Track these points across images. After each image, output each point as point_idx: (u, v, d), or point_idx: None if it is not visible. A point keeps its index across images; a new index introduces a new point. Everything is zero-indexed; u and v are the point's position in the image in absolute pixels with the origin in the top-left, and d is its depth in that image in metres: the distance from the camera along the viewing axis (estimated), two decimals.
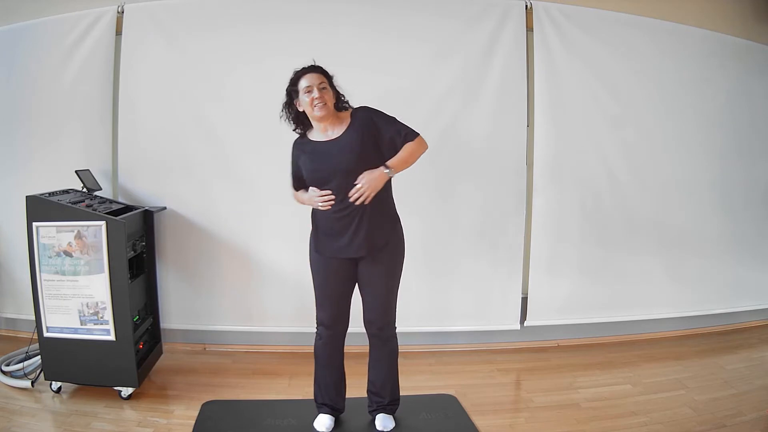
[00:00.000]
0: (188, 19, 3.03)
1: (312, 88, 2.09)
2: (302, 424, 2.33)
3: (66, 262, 2.42)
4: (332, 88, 2.15)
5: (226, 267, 3.13)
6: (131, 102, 3.04)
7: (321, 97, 2.08)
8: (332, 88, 2.16)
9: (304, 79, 2.11)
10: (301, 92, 2.11)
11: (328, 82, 2.15)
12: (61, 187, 2.72)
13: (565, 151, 3.23)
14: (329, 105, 2.10)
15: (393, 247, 2.19)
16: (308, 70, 2.13)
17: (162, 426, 2.33)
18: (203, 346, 3.23)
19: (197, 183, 3.07)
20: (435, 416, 2.46)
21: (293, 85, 2.15)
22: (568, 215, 3.26)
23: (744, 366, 3.04)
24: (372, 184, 2.04)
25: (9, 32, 3.08)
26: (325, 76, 2.15)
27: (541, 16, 3.17)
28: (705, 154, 3.44)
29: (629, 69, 3.27)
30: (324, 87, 2.11)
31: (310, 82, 2.10)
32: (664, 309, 3.46)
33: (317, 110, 2.08)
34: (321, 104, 2.08)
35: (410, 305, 2.76)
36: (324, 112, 2.09)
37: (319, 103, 2.07)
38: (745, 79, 3.48)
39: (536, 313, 3.30)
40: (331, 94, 2.13)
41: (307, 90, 2.09)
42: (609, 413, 2.51)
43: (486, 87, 3.13)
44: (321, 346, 2.29)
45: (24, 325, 3.13)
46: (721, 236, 3.51)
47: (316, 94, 2.07)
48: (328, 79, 2.15)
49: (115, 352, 2.46)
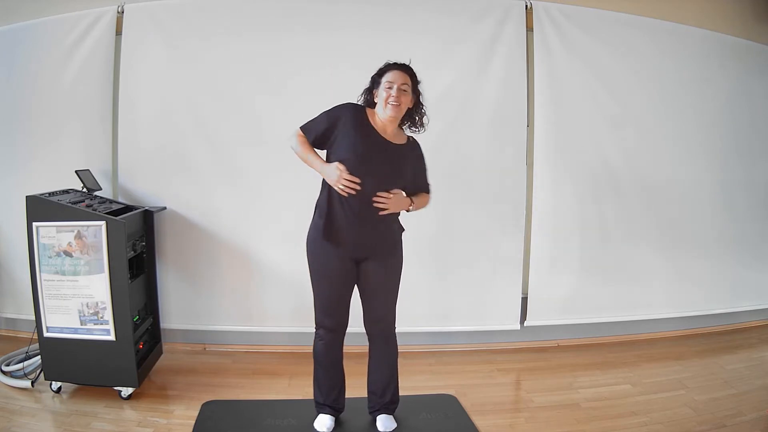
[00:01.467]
0: (188, 19, 3.03)
1: (393, 84, 2.06)
2: (302, 424, 2.33)
3: (66, 262, 2.42)
4: (414, 95, 2.13)
5: (226, 267, 3.13)
6: (131, 102, 3.04)
7: (398, 97, 2.05)
8: (414, 94, 2.13)
9: (390, 74, 2.08)
10: (383, 85, 2.08)
11: (412, 86, 2.11)
12: (61, 187, 2.72)
13: (565, 151, 3.23)
14: (403, 107, 2.08)
15: (395, 249, 2.21)
16: (398, 67, 2.10)
17: (162, 426, 2.33)
18: (203, 346, 3.23)
19: (197, 183, 3.07)
20: (435, 416, 2.46)
21: (379, 75, 2.12)
22: (568, 215, 3.26)
23: (744, 366, 3.04)
24: (397, 205, 2.11)
25: (9, 32, 3.08)
26: (411, 78, 2.11)
27: (541, 16, 3.17)
28: (705, 154, 3.45)
29: (629, 69, 3.27)
30: (405, 89, 2.07)
31: (393, 79, 2.07)
32: (664, 309, 3.46)
33: (389, 109, 2.05)
34: (395, 104, 2.05)
35: (410, 305, 2.75)
36: (394, 114, 2.06)
37: (393, 103, 2.05)
38: (745, 79, 3.49)
39: (536, 313, 3.30)
40: (409, 98, 2.10)
41: (388, 85, 2.07)
42: (609, 413, 2.51)
43: (486, 87, 3.13)
44: (321, 346, 2.28)
45: (24, 325, 3.13)
46: (721, 236, 3.51)
47: (395, 93, 2.05)
48: (413, 83, 2.12)
49: (115, 352, 2.46)
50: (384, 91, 2.07)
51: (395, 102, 2.04)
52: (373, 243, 2.13)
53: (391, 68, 2.10)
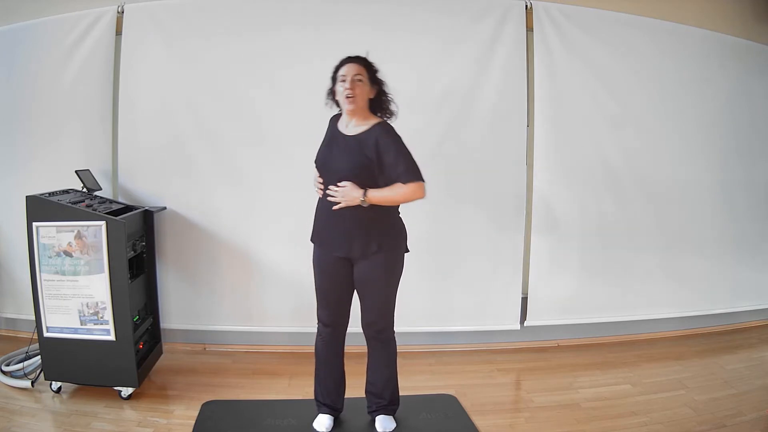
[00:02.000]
0: (188, 19, 3.03)
1: (346, 77, 2.05)
2: (302, 424, 2.33)
3: (66, 262, 2.42)
4: (372, 83, 2.10)
5: (226, 267, 3.13)
6: (131, 102, 3.04)
7: (351, 89, 2.04)
8: (372, 82, 2.11)
9: (343, 68, 2.09)
10: (338, 80, 2.09)
11: (368, 74, 2.09)
12: (61, 187, 2.72)
13: (565, 151, 3.23)
14: (359, 99, 2.06)
15: (388, 252, 2.14)
16: (350, 60, 2.10)
17: (162, 426, 2.33)
18: (203, 346, 3.23)
19: (197, 183, 3.07)
20: (435, 416, 2.46)
21: (335, 71, 2.12)
22: (568, 215, 3.26)
23: (744, 366, 3.04)
24: (346, 198, 2.05)
25: (9, 32, 3.08)
26: (366, 69, 2.09)
27: (541, 16, 3.17)
28: (705, 154, 3.44)
29: (629, 69, 3.27)
30: (360, 79, 2.06)
31: (346, 72, 2.07)
32: (664, 309, 3.46)
33: (346, 102, 2.06)
34: (349, 97, 2.04)
35: (410, 305, 2.76)
36: (351, 106, 2.06)
37: (348, 95, 2.04)
38: (745, 79, 3.48)
39: (536, 313, 3.30)
40: (366, 89, 2.08)
41: (342, 79, 2.07)
42: (609, 413, 2.51)
43: (486, 87, 3.13)
44: (321, 343, 2.29)
45: (24, 325, 3.13)
46: (721, 236, 3.51)
47: (348, 85, 2.04)
48: (369, 72, 2.10)
49: (115, 352, 2.46)
50: (339, 86, 2.08)
51: (350, 93, 2.04)
52: (348, 241, 2.10)
53: (344, 62, 2.11)
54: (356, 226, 2.09)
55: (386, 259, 2.14)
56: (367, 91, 2.09)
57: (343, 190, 2.04)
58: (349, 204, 2.05)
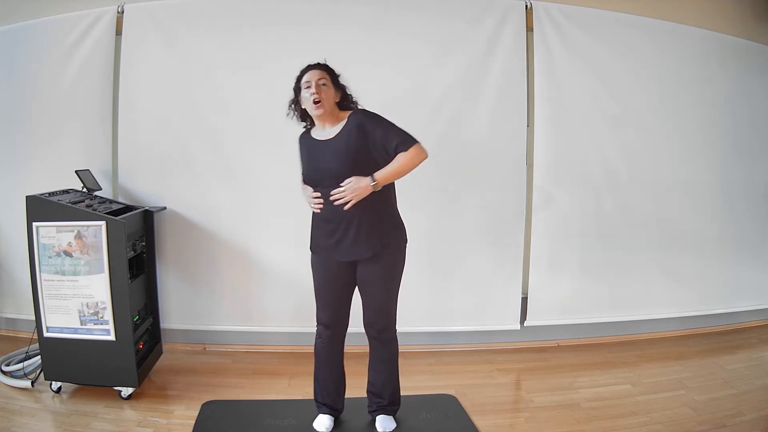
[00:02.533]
0: (188, 19, 3.03)
1: (311, 82, 2.08)
2: (302, 424, 2.33)
3: (66, 262, 2.42)
4: (336, 87, 2.13)
5: (226, 267, 3.13)
6: (131, 102, 3.04)
7: (318, 93, 2.06)
8: (336, 86, 2.13)
9: (305, 75, 2.11)
10: (303, 88, 2.11)
11: (331, 79, 2.12)
12: (61, 187, 2.72)
13: (565, 151, 3.23)
14: (326, 103, 2.08)
15: (392, 251, 2.15)
16: (311, 67, 2.13)
17: (162, 426, 2.33)
18: (203, 346, 3.23)
19: (197, 183, 3.07)
20: (435, 416, 2.46)
21: (297, 81, 2.15)
22: (568, 215, 3.26)
23: (744, 366, 3.04)
24: (356, 192, 2.02)
25: (9, 32, 3.08)
26: (328, 73, 2.13)
27: (541, 16, 3.17)
28: (705, 154, 3.44)
29: (629, 69, 3.27)
30: (324, 83, 2.09)
31: (309, 78, 2.09)
32: (664, 309, 3.46)
33: (314, 108, 2.08)
34: (317, 101, 2.06)
35: (411, 305, 2.75)
36: (320, 111, 2.07)
37: (315, 99, 2.06)
38: (745, 79, 3.48)
39: (536, 313, 3.30)
40: (331, 92, 2.11)
41: (307, 86, 2.09)
42: (609, 413, 2.51)
43: (486, 87, 3.13)
44: (321, 344, 2.28)
45: (24, 325, 3.13)
46: (721, 236, 3.51)
47: (313, 90, 2.06)
48: (332, 77, 2.13)
49: (115, 352, 2.46)
50: (305, 92, 2.10)
51: (317, 98, 2.06)
52: (354, 245, 2.09)
53: (305, 70, 2.13)
54: (360, 229, 2.07)
55: (390, 258, 2.15)
56: (332, 95, 2.12)
57: (349, 186, 2.02)
58: (361, 196, 2.02)
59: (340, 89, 2.15)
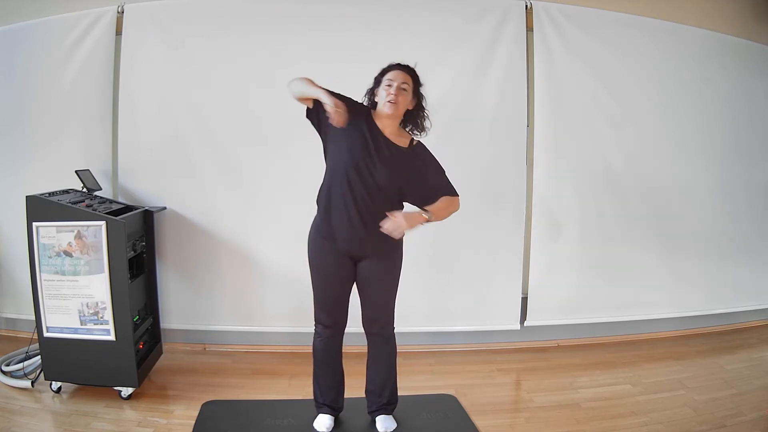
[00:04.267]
0: (188, 19, 3.03)
1: (393, 83, 2.07)
2: (302, 424, 2.33)
3: (66, 262, 2.42)
4: (414, 95, 2.12)
5: (226, 267, 3.13)
6: (131, 102, 3.04)
7: (396, 95, 2.05)
8: (416, 95, 2.13)
9: (391, 73, 2.10)
10: (383, 84, 2.10)
11: (413, 86, 2.11)
12: (61, 187, 2.72)
13: (565, 150, 3.23)
14: (400, 107, 2.07)
15: (394, 250, 2.18)
16: (398, 67, 2.12)
17: (162, 426, 2.33)
18: (203, 346, 3.23)
19: (197, 183, 3.07)
20: (435, 416, 2.46)
21: (381, 74, 2.13)
22: (568, 215, 3.26)
23: (744, 366, 3.04)
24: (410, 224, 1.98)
25: (9, 32, 3.08)
26: (413, 79, 2.12)
27: (541, 16, 3.17)
28: (705, 154, 3.45)
29: (629, 69, 3.27)
30: (405, 88, 2.08)
31: (393, 77, 2.08)
32: (664, 309, 3.46)
33: (386, 107, 2.06)
34: (393, 102, 2.04)
35: (410, 305, 2.76)
36: (392, 111, 2.06)
37: (391, 100, 2.05)
38: (745, 79, 3.48)
39: (536, 313, 3.30)
40: (408, 98, 2.10)
41: (388, 84, 2.08)
42: (609, 413, 2.51)
43: (486, 87, 3.13)
44: (319, 343, 2.28)
45: (24, 325, 3.13)
46: (721, 236, 3.51)
47: (393, 91, 2.05)
48: (415, 84, 2.12)
49: (115, 352, 2.46)
50: (383, 90, 2.08)
51: (393, 99, 2.05)
52: (369, 241, 2.09)
53: (393, 68, 2.12)
54: (371, 225, 2.04)
55: (392, 257, 2.18)
56: (408, 101, 2.11)
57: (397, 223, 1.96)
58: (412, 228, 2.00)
59: (416, 97, 2.14)
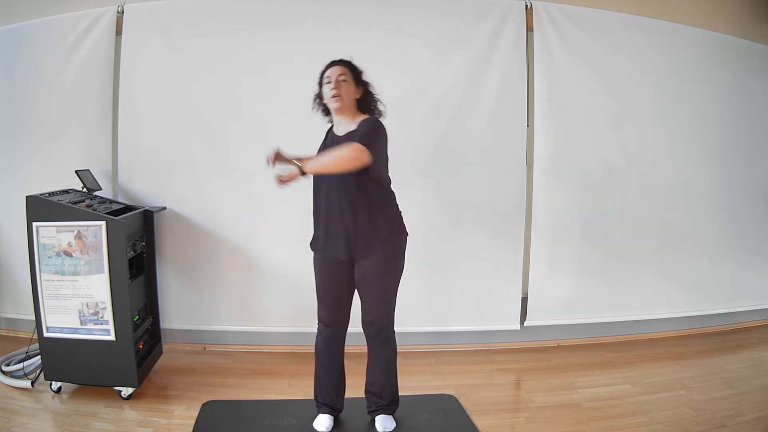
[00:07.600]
0: (189, 19, 3.03)
1: (331, 78, 2.11)
2: (302, 424, 2.33)
3: (66, 262, 2.42)
4: (357, 84, 2.15)
5: (226, 267, 3.13)
6: (131, 102, 3.04)
7: (336, 89, 2.09)
8: (357, 83, 2.15)
9: (327, 71, 2.14)
10: (324, 83, 2.14)
11: (353, 76, 2.14)
12: (61, 187, 2.72)
13: (565, 150, 3.23)
14: (345, 98, 2.10)
15: (390, 251, 2.15)
16: (333, 63, 2.16)
17: (162, 426, 2.34)
18: (203, 346, 3.23)
19: (197, 183, 3.07)
20: (435, 416, 2.46)
21: (320, 76, 2.17)
22: (568, 215, 3.26)
23: (744, 366, 3.04)
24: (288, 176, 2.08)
25: (9, 32, 3.08)
26: (350, 69, 2.15)
27: (541, 16, 3.17)
28: (705, 154, 3.44)
29: (629, 69, 3.27)
30: (344, 79, 2.11)
31: (330, 73, 2.12)
32: (664, 309, 3.46)
33: (332, 102, 2.10)
34: (335, 96, 2.09)
35: (410, 305, 2.76)
36: (337, 104, 2.10)
37: (334, 94, 2.08)
38: (745, 79, 3.48)
39: (536, 313, 3.30)
40: (351, 88, 2.13)
41: (327, 81, 2.12)
42: (609, 413, 2.51)
43: (486, 87, 3.13)
44: (321, 343, 2.29)
45: (24, 325, 3.14)
46: (721, 236, 3.51)
47: (332, 85, 2.09)
48: (353, 73, 2.15)
49: (115, 352, 2.46)
50: (325, 88, 2.13)
51: (335, 93, 2.08)
52: (350, 244, 2.10)
53: (328, 66, 2.16)
54: (357, 228, 2.08)
55: (387, 257, 2.16)
56: (352, 91, 2.14)
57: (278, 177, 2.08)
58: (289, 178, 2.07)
59: (362, 86, 2.17)
